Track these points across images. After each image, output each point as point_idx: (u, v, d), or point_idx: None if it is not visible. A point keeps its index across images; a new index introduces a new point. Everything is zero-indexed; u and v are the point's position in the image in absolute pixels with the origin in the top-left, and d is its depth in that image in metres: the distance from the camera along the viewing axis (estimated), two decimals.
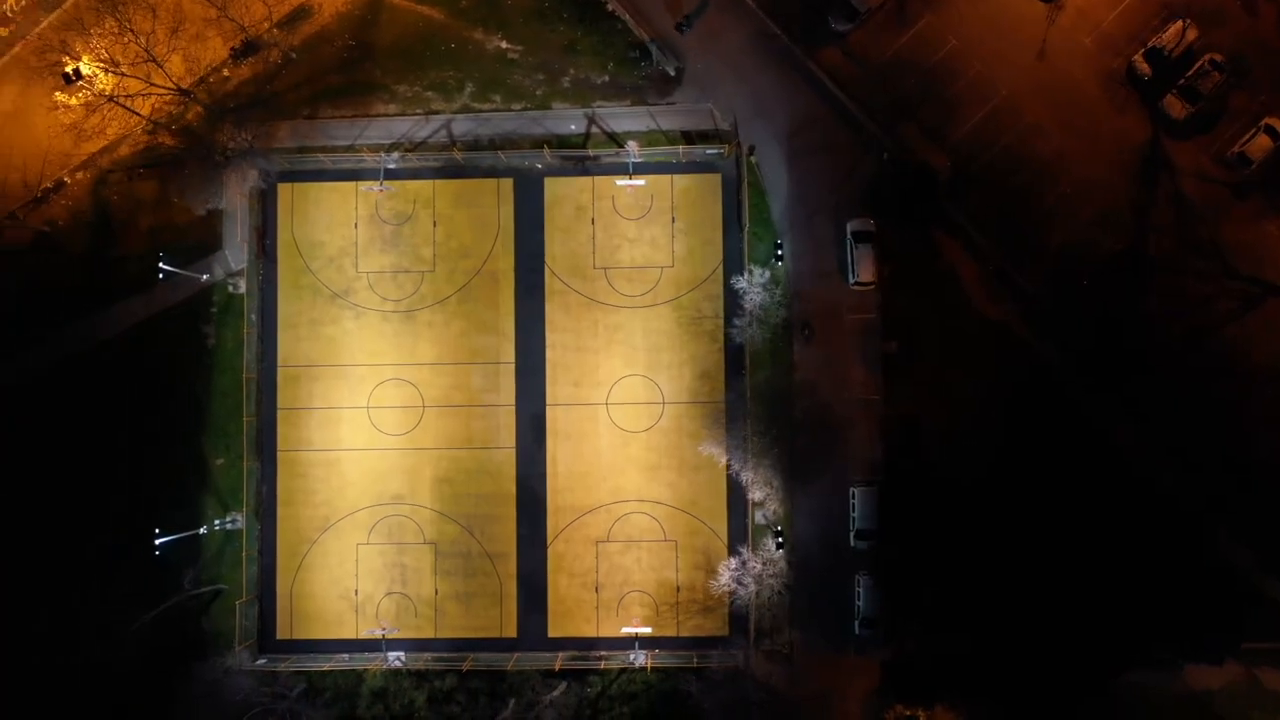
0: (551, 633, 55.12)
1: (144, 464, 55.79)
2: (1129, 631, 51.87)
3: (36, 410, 56.00)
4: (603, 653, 54.55)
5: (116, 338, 56.71)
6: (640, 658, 53.27)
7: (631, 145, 54.67)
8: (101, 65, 50.54)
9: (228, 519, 55.43)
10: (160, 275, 52.55)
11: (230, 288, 56.49)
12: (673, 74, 56.34)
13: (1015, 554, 52.60)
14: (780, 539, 51.22)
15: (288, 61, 56.90)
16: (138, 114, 53.95)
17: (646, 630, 53.36)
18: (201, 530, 54.26)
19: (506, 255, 56.47)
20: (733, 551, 53.56)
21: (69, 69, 51.40)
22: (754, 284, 52.08)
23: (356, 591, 55.58)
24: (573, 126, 56.66)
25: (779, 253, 51.53)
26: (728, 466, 52.91)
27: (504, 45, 57.03)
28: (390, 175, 56.15)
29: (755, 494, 51.90)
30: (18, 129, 56.51)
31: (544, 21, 57.06)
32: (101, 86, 51.04)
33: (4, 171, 53.66)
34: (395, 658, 54.10)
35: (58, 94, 51.74)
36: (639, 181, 54.79)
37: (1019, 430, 53.61)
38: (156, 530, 51.48)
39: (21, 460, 55.82)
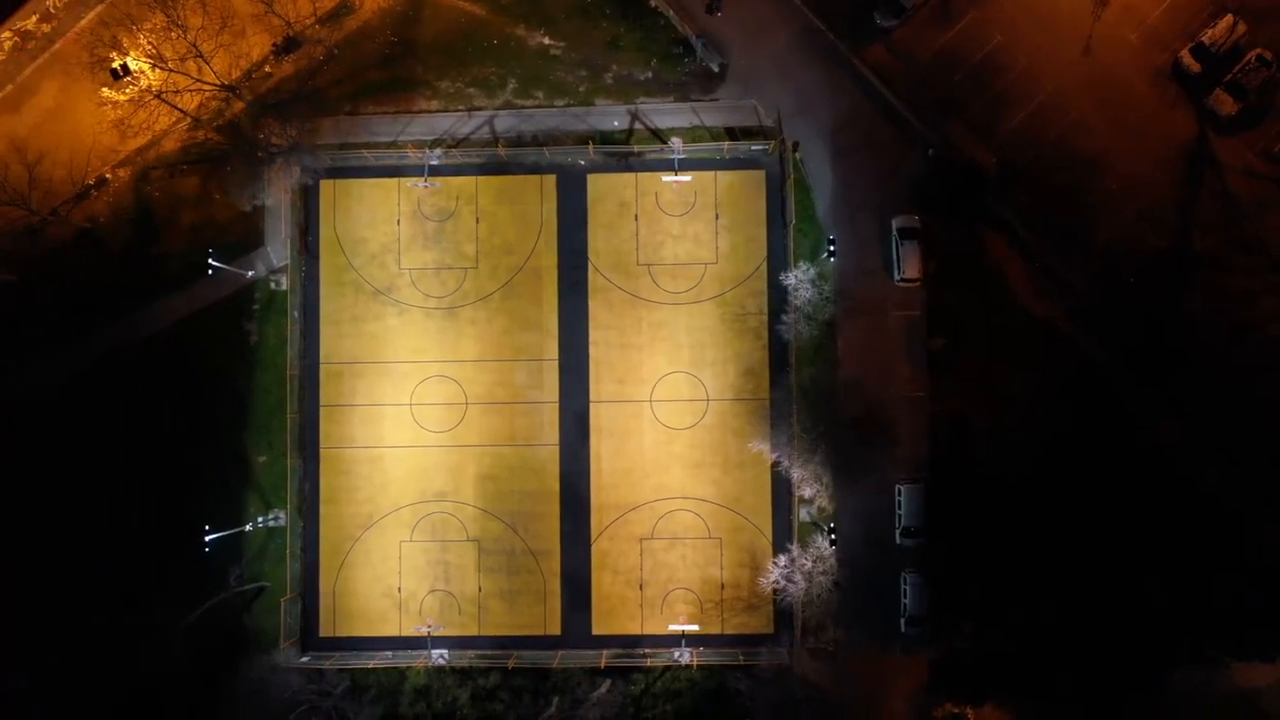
0: (595, 630, 54.95)
1: (186, 461, 55.66)
2: (1176, 629, 51.65)
3: (79, 407, 55.84)
4: (647, 650, 54.40)
5: (158, 334, 56.53)
6: (685, 655, 53.07)
7: (675, 141, 54.48)
8: (149, 61, 50.32)
9: (270, 516, 55.27)
10: (210, 271, 52.30)
11: (272, 284, 56.34)
12: (716, 70, 56.19)
13: (1061, 551, 52.48)
14: (834, 536, 50.98)
15: (329, 58, 56.76)
16: (182, 110, 53.78)
17: (693, 628, 53.20)
18: (248, 527, 54.08)
19: (549, 252, 56.30)
20: (781, 549, 53.38)
21: (116, 64, 51.18)
22: (803, 280, 51.89)
23: (400, 589, 55.43)
24: (616, 123, 56.49)
25: (831, 248, 51.31)
26: (776, 463, 52.69)
27: (546, 41, 56.88)
28: (433, 171, 55.97)
29: (805, 491, 51.74)
30: (61, 125, 56.35)
31: (587, 17, 56.94)
32: (148, 82, 50.84)
33: (49, 168, 53.35)
34: (439, 655, 53.93)
35: (104, 90, 51.52)
36: (685, 177, 54.61)
37: (1064, 426, 53.43)
38: (206, 527, 51.26)
39: (64, 457, 55.67)
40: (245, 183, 54.86)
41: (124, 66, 51.38)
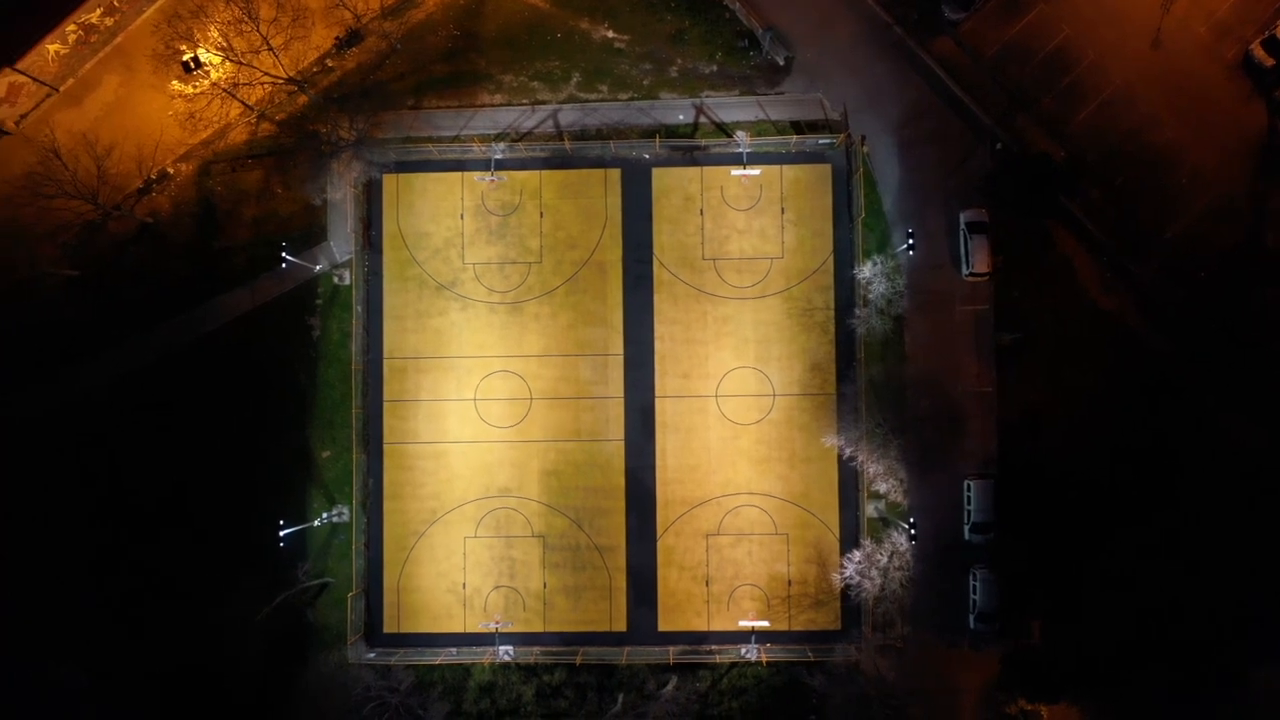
0: (661, 627, 54.66)
1: (250, 457, 55.34)
2: (1255, 628, 51.28)
3: (141, 403, 55.61)
4: (713, 647, 54.12)
5: (220, 330, 56.24)
6: (753, 652, 52.79)
7: (741, 135, 54.22)
8: (220, 53, 50.05)
9: (334, 512, 55.04)
10: (283, 264, 52.06)
11: (336, 279, 56.08)
12: (782, 63, 55.88)
13: (1135, 548, 52.14)
14: (914, 532, 50.66)
15: (392, 51, 56.47)
16: (247, 105, 53.55)
17: (764, 624, 52.90)
18: (316, 523, 53.84)
19: (614, 246, 56.01)
20: (850, 544, 53.09)
21: (187, 57, 50.91)
22: (876, 273, 51.58)
23: (464, 585, 55.17)
24: (680, 116, 56.19)
25: (910, 241, 51.01)
26: (850, 459, 52.36)
27: (610, 35, 56.61)
28: (497, 165, 55.68)
29: (880, 486, 51.43)
30: (123, 118, 56.05)
31: (651, 10, 56.65)
32: (218, 75, 50.54)
33: (114, 162, 53.05)
34: (504, 651, 53.67)
35: (175, 82, 51.21)
36: (754, 171, 54.30)
37: (1134, 422, 53.08)
38: (280, 522, 50.99)
39: (126, 454, 55.46)
40: (310, 177, 54.59)
41: (195, 59, 51.05)
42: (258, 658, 53.17)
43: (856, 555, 50.97)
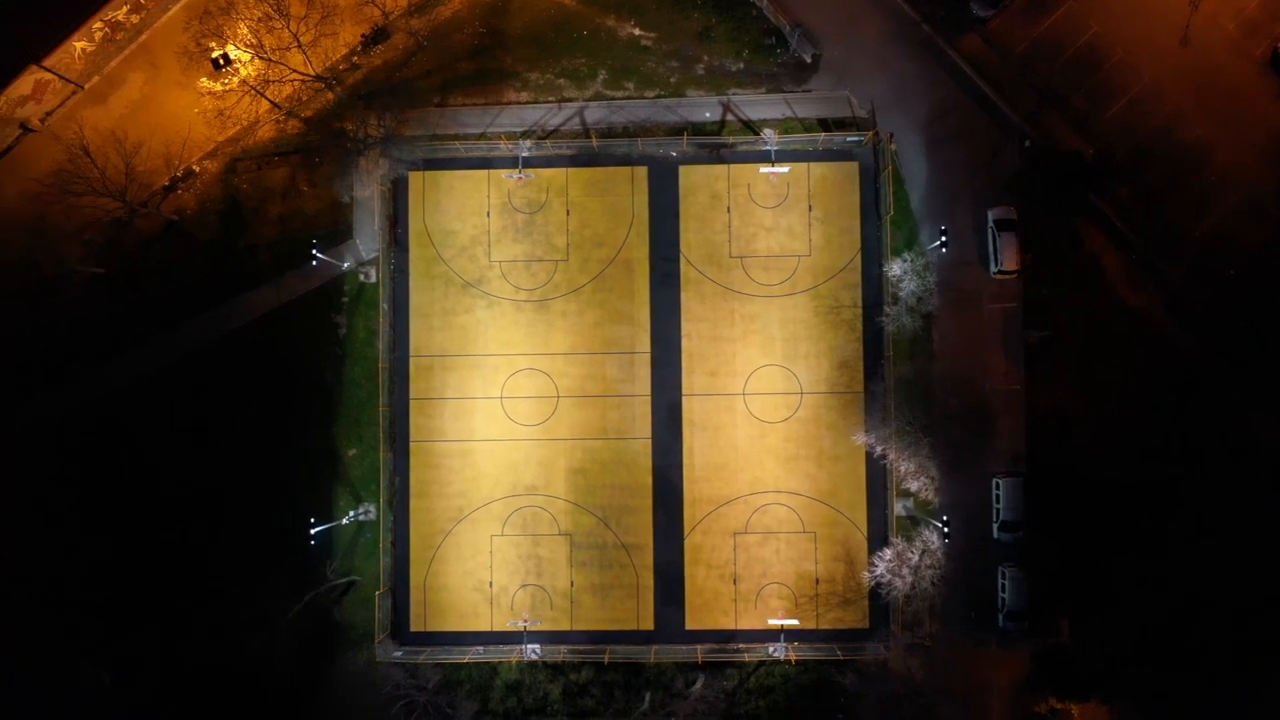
0: (689, 625, 54.54)
1: (276, 455, 55.20)
2: None
3: (167, 401, 55.51)
4: (741, 645, 54.00)
5: (246, 327, 56.14)
6: (782, 650, 52.64)
7: (768, 133, 54.12)
8: (250, 51, 49.95)
9: (361, 510, 54.93)
10: (314, 262, 51.99)
11: (361, 277, 55.97)
12: (809, 61, 55.76)
13: (1164, 546, 51.99)
14: (947, 530, 50.53)
15: (419, 49, 56.37)
16: (274, 103, 53.43)
17: (793, 622, 52.77)
18: (344, 520, 53.74)
19: (641, 244, 55.88)
20: (878, 543, 52.99)
21: (217, 54, 50.80)
22: (908, 271, 51.46)
23: (491, 583, 55.05)
24: (707, 114, 56.08)
25: (943, 238, 50.89)
26: (880, 457, 52.22)
27: (637, 32, 56.51)
28: (524, 163, 55.52)
29: (911, 485, 51.25)
30: (148, 116, 56.00)
31: (678, 8, 56.55)
32: (247, 73, 50.46)
33: (142, 160, 52.87)
34: (532, 650, 53.54)
35: (204, 80, 51.11)
36: (782, 169, 54.17)
37: (1163, 421, 52.96)
38: (312, 520, 50.88)
39: (152, 451, 55.38)
40: (337, 174, 54.55)
41: (225, 56, 50.94)
42: (287, 656, 53.01)
43: (888, 553, 50.82)
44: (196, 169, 56.22)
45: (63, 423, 55.35)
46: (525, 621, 53.49)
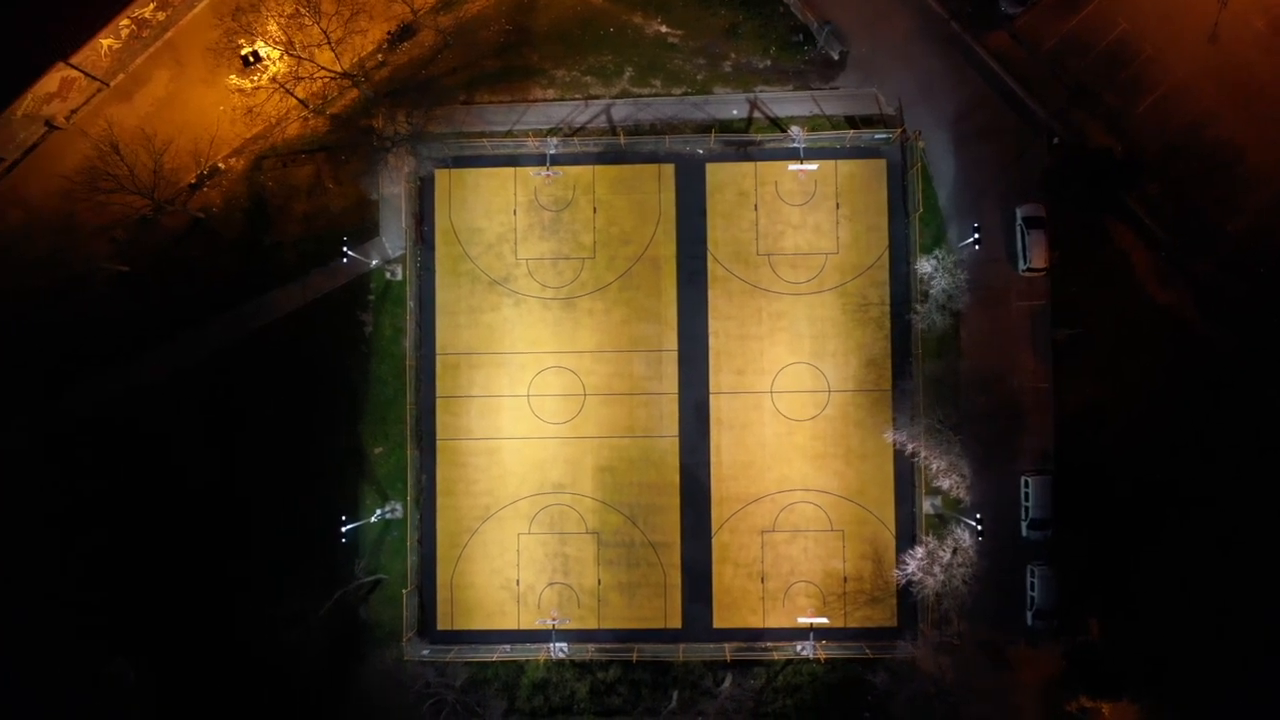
0: (717, 624, 54.44)
1: (303, 453, 55.09)
2: None
3: (194, 399, 55.42)
4: (769, 644, 53.88)
5: (272, 325, 56.04)
6: (810, 649, 52.53)
7: (796, 130, 54.00)
8: (279, 48, 49.83)
9: (387, 508, 54.83)
10: (344, 259, 51.94)
11: (388, 274, 55.86)
12: (836, 58, 55.64)
13: (1194, 544, 51.79)
14: (980, 528, 50.39)
15: (445, 46, 56.26)
16: (301, 101, 53.34)
17: (822, 621, 52.60)
18: (373, 518, 53.64)
19: (668, 241, 55.77)
20: (908, 541, 52.85)
21: (246, 51, 50.69)
22: (939, 268, 51.31)
23: (518, 582, 54.95)
24: (734, 111, 55.95)
25: (976, 235, 50.75)
26: (912, 455, 52.07)
27: (664, 29, 56.39)
28: (551, 160, 55.42)
29: (943, 482, 51.09)
30: (173, 113, 55.91)
31: (704, 5, 56.45)
32: (275, 70, 50.36)
33: (170, 157, 52.67)
34: (559, 648, 53.43)
35: (232, 77, 51.01)
36: (811, 166, 54.01)
37: (1193, 418, 52.76)
38: (343, 518, 50.77)
39: (178, 450, 55.30)
40: (363, 172, 54.54)
41: (255, 54, 50.84)
42: (319, 654, 52.85)
43: (919, 551, 50.68)
44: (223, 166, 56.14)
45: (90, 421, 55.23)
46: (553, 620, 53.35)
